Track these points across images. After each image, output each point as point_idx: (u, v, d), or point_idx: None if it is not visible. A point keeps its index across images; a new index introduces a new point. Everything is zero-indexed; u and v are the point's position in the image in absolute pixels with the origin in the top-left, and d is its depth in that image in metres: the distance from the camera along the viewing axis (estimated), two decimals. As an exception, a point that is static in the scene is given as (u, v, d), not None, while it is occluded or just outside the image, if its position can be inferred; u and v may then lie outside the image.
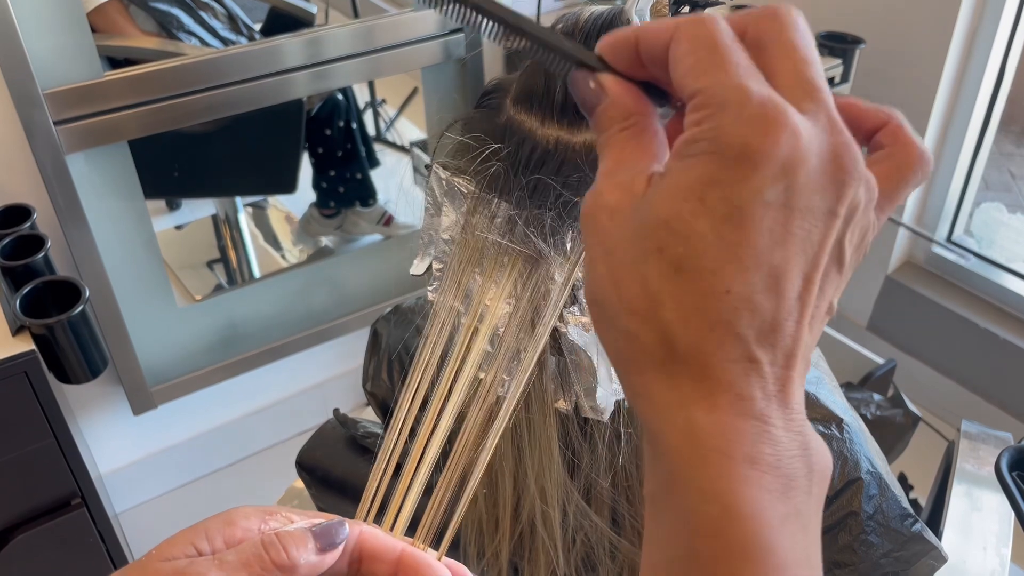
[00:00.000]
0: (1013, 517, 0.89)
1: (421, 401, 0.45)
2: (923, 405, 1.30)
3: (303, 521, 0.39)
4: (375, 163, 2.19)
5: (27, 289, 1.06)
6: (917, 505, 1.27)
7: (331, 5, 2.15)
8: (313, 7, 1.92)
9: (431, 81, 1.72)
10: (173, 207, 2.22)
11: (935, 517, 0.95)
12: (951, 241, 2.02)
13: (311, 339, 1.79)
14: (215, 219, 2.18)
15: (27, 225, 1.18)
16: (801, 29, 0.29)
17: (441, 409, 0.44)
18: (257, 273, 2.17)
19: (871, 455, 0.62)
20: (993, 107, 1.84)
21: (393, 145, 2.46)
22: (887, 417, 1.12)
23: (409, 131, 2.45)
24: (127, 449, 1.79)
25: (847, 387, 1.34)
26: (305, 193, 2.10)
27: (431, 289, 0.57)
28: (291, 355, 1.78)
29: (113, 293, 1.48)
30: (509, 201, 0.53)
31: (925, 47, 1.75)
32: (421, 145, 2.29)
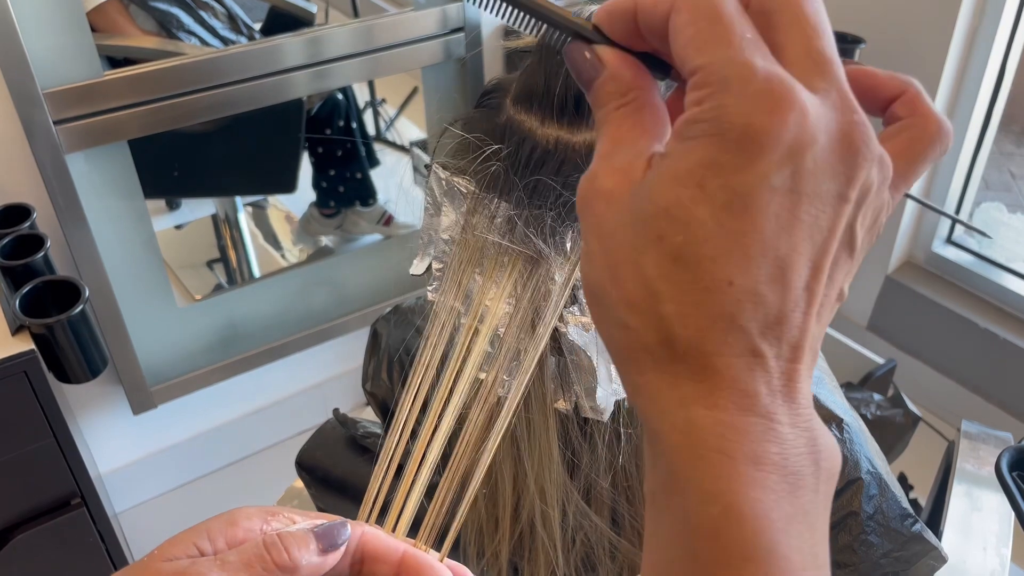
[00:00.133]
0: (1013, 517, 0.89)
1: (422, 402, 0.45)
2: (923, 405, 1.30)
3: (305, 522, 0.39)
4: (375, 163, 2.19)
5: (27, 289, 1.06)
6: (917, 505, 1.27)
7: (331, 4, 2.15)
8: (313, 6, 1.92)
9: (431, 81, 1.72)
10: (173, 207, 2.22)
11: (935, 517, 0.95)
12: (951, 241, 2.02)
13: (311, 339, 1.79)
14: (215, 219, 2.18)
15: (27, 225, 1.18)
16: None
17: (442, 410, 0.44)
18: (257, 273, 2.17)
19: (871, 455, 0.62)
20: (993, 107, 1.84)
21: (393, 145, 2.46)
22: (887, 417, 1.12)
23: (409, 131, 2.45)
24: (127, 449, 1.79)
25: (847, 387, 1.34)
26: (305, 193, 2.10)
27: (431, 289, 0.57)
28: (291, 355, 1.78)
29: (113, 293, 1.48)
30: (509, 201, 0.53)
31: (925, 47, 1.75)
32: (421, 145, 2.29)
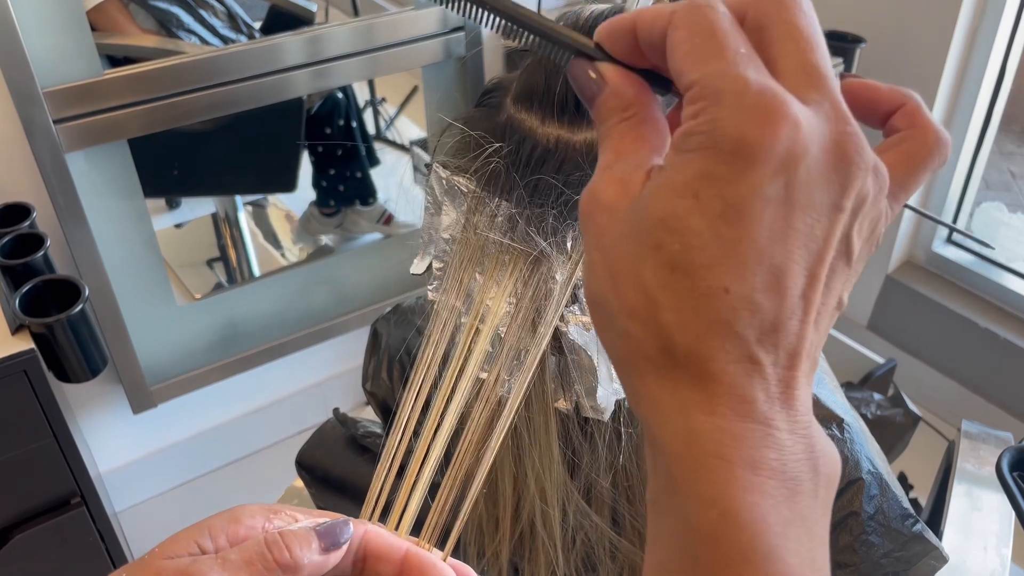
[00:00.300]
0: (1014, 517, 0.88)
1: (424, 402, 0.45)
2: (923, 405, 1.30)
3: (308, 520, 0.39)
4: (375, 162, 2.19)
5: (27, 288, 1.05)
6: (917, 505, 1.27)
7: (331, 3, 2.14)
8: (313, 5, 1.92)
9: (431, 80, 1.72)
10: (173, 206, 2.22)
11: (935, 517, 0.95)
12: (951, 241, 2.02)
13: (311, 338, 1.79)
14: (215, 218, 2.17)
15: (27, 224, 1.18)
16: (805, 10, 0.28)
17: (444, 409, 0.44)
18: (257, 272, 2.17)
19: (872, 455, 0.62)
20: (994, 106, 1.84)
21: (393, 144, 2.46)
22: (887, 417, 1.12)
23: (409, 130, 2.45)
24: (126, 448, 1.79)
25: (847, 387, 1.34)
26: (305, 192, 2.10)
27: (431, 288, 0.57)
28: (291, 354, 1.78)
29: (113, 292, 1.48)
30: (510, 200, 0.53)
31: (926, 46, 1.75)
32: (421, 144, 2.29)
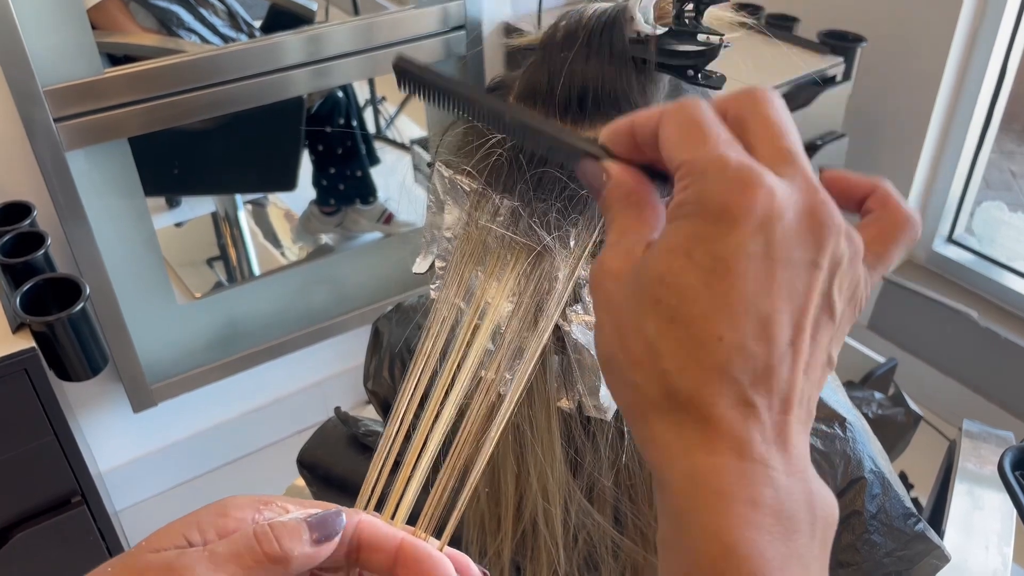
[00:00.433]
0: (1015, 516, 0.88)
1: (423, 392, 0.44)
2: (923, 404, 1.30)
3: (299, 511, 0.38)
4: (375, 161, 2.19)
5: (27, 286, 1.05)
6: (917, 504, 1.27)
7: (331, 2, 2.14)
8: (313, 4, 1.92)
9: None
10: (173, 204, 2.22)
11: (936, 516, 0.95)
12: (952, 240, 2.02)
13: (311, 337, 1.79)
14: (215, 216, 2.17)
15: (27, 222, 1.18)
16: (776, 104, 0.32)
17: (444, 398, 0.44)
18: (257, 271, 2.17)
19: (874, 454, 0.62)
20: (995, 105, 1.84)
21: (393, 143, 2.46)
22: (888, 416, 1.11)
23: (409, 128, 2.45)
24: (127, 447, 1.79)
25: (848, 386, 1.34)
26: (305, 191, 2.10)
27: (433, 288, 0.57)
28: (291, 353, 1.78)
29: (113, 290, 1.48)
30: (512, 194, 0.53)
31: (927, 45, 1.75)
32: (422, 143, 2.29)
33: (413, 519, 0.42)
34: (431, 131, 1.98)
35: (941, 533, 0.88)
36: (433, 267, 0.57)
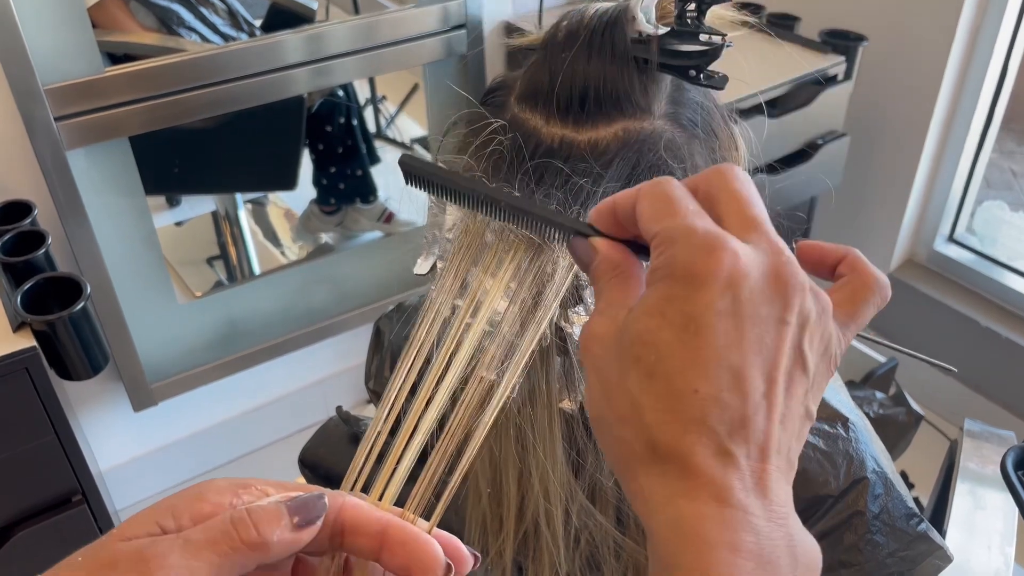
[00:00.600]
0: (1017, 516, 0.88)
1: (415, 379, 0.43)
2: (924, 404, 1.30)
3: (279, 495, 0.36)
4: (375, 160, 2.19)
5: (28, 285, 1.05)
6: (919, 504, 1.27)
7: (332, 1, 2.14)
8: (314, 3, 1.92)
9: (432, 78, 1.72)
10: (173, 203, 2.22)
11: (938, 516, 0.95)
12: (952, 239, 2.02)
13: (311, 336, 1.79)
14: (215, 215, 2.17)
15: (28, 221, 1.18)
16: (742, 179, 0.35)
17: (437, 383, 0.42)
18: (257, 270, 2.17)
19: (876, 454, 0.62)
20: (996, 105, 1.84)
21: (394, 142, 2.46)
22: (889, 416, 1.11)
23: (409, 128, 2.45)
24: (127, 446, 1.79)
25: (849, 385, 1.34)
26: (305, 190, 2.10)
27: (434, 288, 0.56)
28: (291, 352, 1.78)
29: (113, 289, 1.48)
30: (513, 184, 0.52)
31: (928, 45, 1.75)
32: (422, 142, 2.29)
33: (403, 503, 0.40)
34: (432, 130, 1.98)
35: (943, 533, 0.87)
36: (435, 268, 0.57)
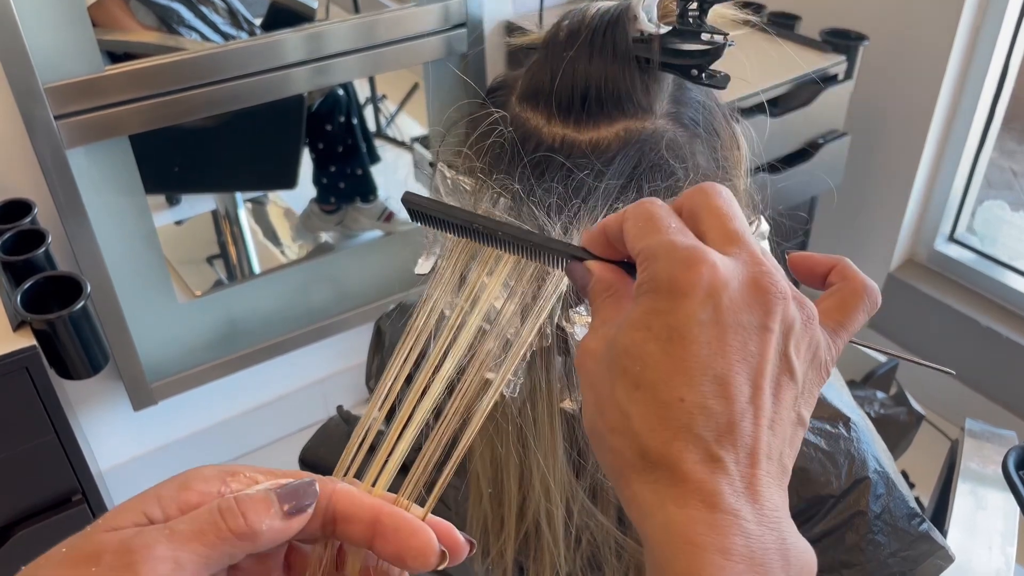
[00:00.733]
0: (1019, 516, 0.88)
1: (414, 362, 0.43)
2: (925, 403, 1.30)
3: (268, 482, 0.35)
4: (375, 159, 2.19)
5: (28, 284, 1.05)
6: (919, 504, 1.27)
7: (332, 0, 2.14)
8: (314, 2, 1.92)
9: (432, 77, 1.72)
10: (173, 203, 2.22)
11: (939, 516, 0.95)
12: (953, 239, 2.02)
13: (311, 335, 1.79)
14: (215, 215, 2.17)
15: (28, 220, 1.18)
16: (724, 196, 0.37)
17: (434, 373, 0.42)
18: (257, 269, 2.17)
19: (878, 454, 0.62)
20: (996, 104, 1.84)
21: (394, 141, 2.46)
22: (890, 415, 1.11)
23: (410, 127, 2.45)
24: (127, 445, 1.79)
25: (849, 385, 1.34)
26: (305, 189, 2.10)
27: (432, 282, 0.56)
28: (291, 351, 1.78)
29: (113, 288, 1.48)
30: (513, 176, 0.52)
31: (929, 44, 1.74)
32: (422, 141, 2.29)
33: (397, 489, 0.40)
34: (431, 129, 1.98)
35: (944, 533, 0.87)
36: (435, 268, 0.57)
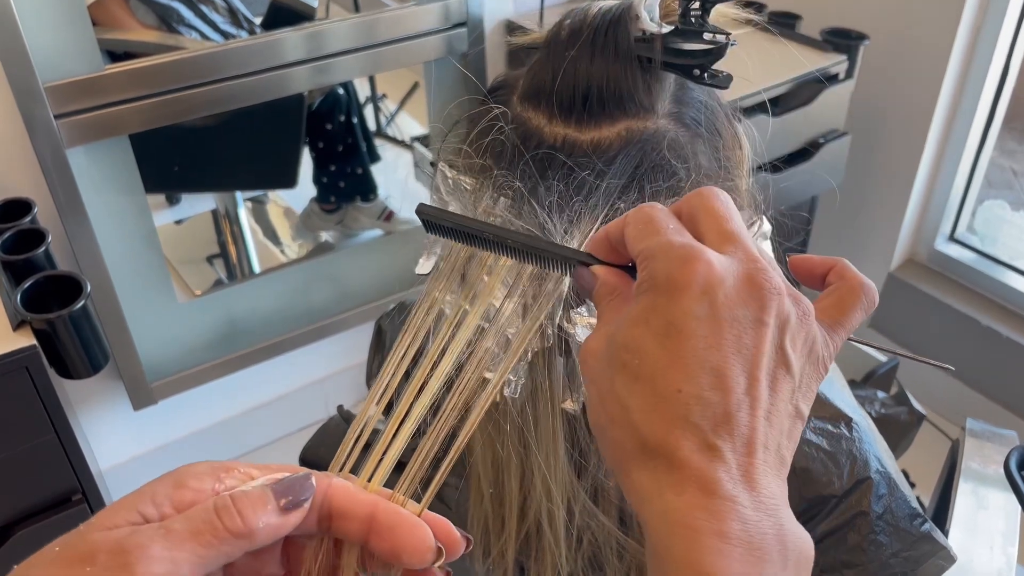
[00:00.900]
0: (1020, 516, 0.88)
1: (412, 358, 0.43)
2: (925, 403, 1.30)
3: (264, 477, 0.34)
4: (375, 158, 2.19)
5: (28, 284, 1.05)
6: (920, 504, 1.27)
7: (332, -1, 2.14)
8: (314, 1, 1.91)
9: (432, 76, 1.71)
10: (172, 202, 2.22)
11: (939, 516, 0.95)
12: (953, 238, 2.02)
13: (311, 335, 1.79)
14: (215, 214, 2.17)
15: (28, 219, 1.18)
16: (721, 198, 0.38)
17: (432, 369, 0.42)
18: (257, 268, 2.17)
19: (880, 454, 0.62)
20: (997, 104, 1.83)
21: (394, 140, 2.45)
22: (891, 415, 1.11)
23: (410, 126, 2.45)
24: (127, 445, 1.79)
25: (850, 384, 1.34)
26: (305, 188, 2.10)
27: (432, 280, 0.56)
28: (292, 351, 1.78)
29: (113, 288, 1.48)
30: (514, 176, 0.52)
31: (929, 43, 1.74)
32: (422, 140, 2.29)
33: (393, 487, 0.39)
34: (432, 129, 1.98)
35: (945, 533, 0.87)
36: (436, 268, 0.56)
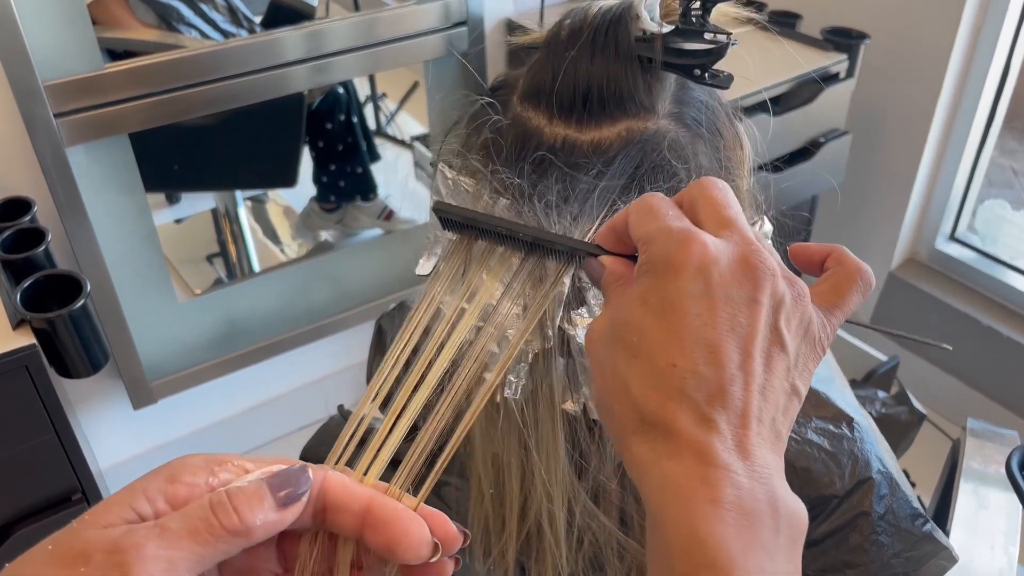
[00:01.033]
0: (1021, 515, 0.88)
1: (410, 356, 0.43)
2: (926, 403, 1.30)
3: (259, 471, 0.34)
4: (375, 157, 2.19)
5: (28, 283, 1.05)
6: (921, 504, 1.27)
7: (332, -2, 2.13)
8: (314, 0, 1.91)
9: (432, 75, 1.71)
10: (172, 201, 2.21)
11: (940, 516, 0.95)
12: (954, 238, 2.02)
13: (311, 334, 1.78)
14: (215, 213, 2.17)
15: (27, 218, 1.17)
16: (719, 186, 0.40)
17: (429, 365, 0.42)
18: (257, 267, 2.17)
19: (881, 454, 0.62)
20: (997, 103, 1.83)
21: (394, 139, 2.45)
22: (892, 415, 1.11)
23: (410, 125, 2.44)
24: (127, 444, 1.79)
25: (850, 384, 1.33)
26: (305, 187, 2.10)
27: (432, 279, 0.56)
28: (291, 350, 1.78)
29: (113, 287, 1.48)
30: (513, 175, 0.52)
31: (930, 43, 1.74)
32: (422, 139, 2.29)
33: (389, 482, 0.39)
34: (432, 128, 1.98)
35: (946, 532, 0.87)
36: (436, 268, 0.56)
